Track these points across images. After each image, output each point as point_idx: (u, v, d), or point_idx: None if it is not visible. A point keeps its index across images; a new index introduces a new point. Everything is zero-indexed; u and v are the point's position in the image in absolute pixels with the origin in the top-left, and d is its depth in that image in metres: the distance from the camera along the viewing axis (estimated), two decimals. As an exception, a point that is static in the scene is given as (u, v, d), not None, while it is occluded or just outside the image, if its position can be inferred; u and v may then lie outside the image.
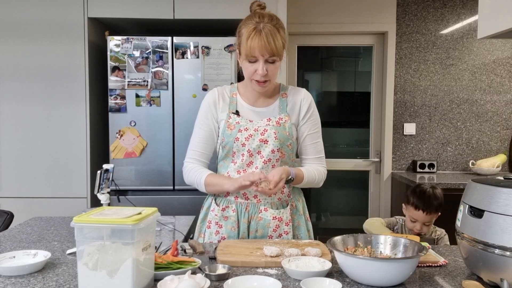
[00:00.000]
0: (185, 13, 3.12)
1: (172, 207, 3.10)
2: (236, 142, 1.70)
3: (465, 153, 4.06)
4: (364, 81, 4.30)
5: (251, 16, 1.66)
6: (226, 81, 3.11)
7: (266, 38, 1.58)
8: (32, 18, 3.10)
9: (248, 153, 1.70)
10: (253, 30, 1.59)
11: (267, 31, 1.59)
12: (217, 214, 1.75)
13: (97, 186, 1.81)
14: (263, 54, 1.60)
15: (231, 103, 1.77)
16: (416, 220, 2.20)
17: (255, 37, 1.59)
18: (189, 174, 1.77)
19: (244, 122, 1.72)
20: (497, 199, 1.19)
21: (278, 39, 1.60)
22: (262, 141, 1.69)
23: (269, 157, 1.70)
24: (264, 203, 1.72)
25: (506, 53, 4.00)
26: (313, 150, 1.81)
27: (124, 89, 3.10)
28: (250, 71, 1.66)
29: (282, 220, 1.73)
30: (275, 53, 1.61)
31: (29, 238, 1.79)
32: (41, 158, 3.17)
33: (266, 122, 1.73)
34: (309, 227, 1.84)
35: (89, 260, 1.13)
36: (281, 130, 1.71)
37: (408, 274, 1.23)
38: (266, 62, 1.62)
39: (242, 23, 1.67)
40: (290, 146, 1.74)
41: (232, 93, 1.79)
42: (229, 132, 1.71)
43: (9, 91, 3.14)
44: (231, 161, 1.74)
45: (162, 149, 3.15)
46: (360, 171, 4.20)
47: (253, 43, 1.59)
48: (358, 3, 3.98)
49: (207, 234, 1.77)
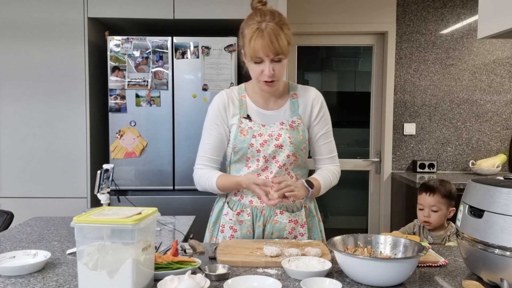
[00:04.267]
0: (185, 13, 3.12)
1: (172, 207, 3.10)
2: (250, 148, 1.67)
3: (465, 153, 4.06)
4: (364, 81, 4.30)
5: (252, 15, 1.62)
6: (226, 81, 3.11)
7: (269, 38, 1.54)
8: (32, 18, 3.10)
9: (263, 158, 1.68)
10: (255, 31, 1.55)
11: (269, 30, 1.55)
12: (231, 219, 1.72)
13: (97, 186, 1.81)
14: (267, 55, 1.57)
15: (241, 106, 1.73)
16: (423, 207, 2.18)
17: (257, 38, 1.55)
18: (200, 179, 1.73)
19: (257, 127, 1.69)
20: (497, 199, 1.19)
21: (281, 37, 1.56)
22: (277, 146, 1.67)
23: (284, 162, 1.68)
24: (280, 205, 1.70)
25: (506, 53, 4.00)
26: (326, 150, 1.80)
27: (124, 89, 3.10)
28: (257, 72, 1.62)
29: (298, 222, 1.72)
30: (280, 52, 1.57)
31: (29, 238, 1.79)
32: (41, 158, 3.17)
33: (279, 126, 1.70)
34: (321, 228, 1.83)
35: (89, 260, 1.13)
36: (295, 134, 1.69)
37: (408, 274, 1.23)
38: (272, 62, 1.59)
39: (244, 24, 1.63)
40: (304, 150, 1.72)
41: (241, 96, 1.75)
42: (242, 138, 1.68)
43: (9, 91, 3.14)
44: (245, 165, 1.71)
45: (162, 149, 3.15)
46: (360, 171, 4.19)
47: (256, 44, 1.55)
48: (358, 3, 3.98)
49: (220, 238, 1.74)
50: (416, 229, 2.24)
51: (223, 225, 1.75)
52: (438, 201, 2.16)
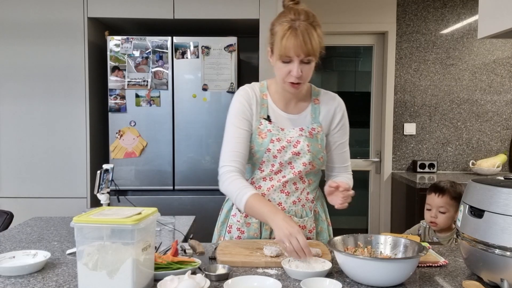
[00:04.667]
0: (185, 13, 3.11)
1: (172, 207, 3.10)
2: (267, 153, 1.62)
3: (465, 153, 4.06)
4: (364, 81, 4.30)
5: (285, 12, 1.54)
6: (226, 81, 3.11)
7: (302, 37, 1.47)
8: (32, 18, 3.10)
9: (279, 164, 1.64)
10: (288, 29, 1.48)
11: (303, 29, 1.48)
12: (239, 220, 1.70)
13: (97, 186, 1.81)
14: (298, 55, 1.50)
15: (262, 106, 1.66)
16: (431, 207, 2.16)
17: (290, 36, 1.48)
18: (230, 185, 1.57)
19: (276, 131, 1.63)
20: (497, 199, 1.19)
21: (314, 38, 1.49)
22: (295, 153, 1.62)
23: (300, 169, 1.64)
24: (289, 210, 1.67)
25: (506, 53, 3.99)
26: (341, 159, 1.76)
27: (124, 89, 3.10)
28: (284, 72, 1.55)
29: (306, 228, 1.69)
30: (311, 53, 1.50)
31: (29, 238, 1.79)
32: (41, 158, 3.17)
33: (298, 132, 1.65)
34: (330, 232, 1.80)
35: (89, 260, 1.13)
36: (314, 143, 1.65)
37: (408, 274, 1.23)
38: (301, 63, 1.52)
39: (276, 20, 1.56)
40: (322, 159, 1.68)
41: (263, 94, 1.68)
42: (260, 141, 1.63)
43: (9, 91, 3.14)
44: (258, 168, 1.67)
45: (162, 149, 3.15)
46: (360, 171, 4.19)
47: (288, 43, 1.48)
48: (358, 3, 3.98)
49: (228, 238, 1.72)
50: (421, 231, 2.21)
51: (230, 225, 1.73)
52: (447, 202, 2.12)
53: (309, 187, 1.71)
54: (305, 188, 1.69)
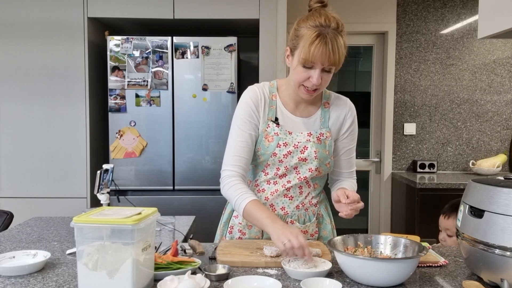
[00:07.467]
0: (185, 13, 3.11)
1: (172, 207, 3.10)
2: (273, 157, 1.59)
3: (465, 153, 4.06)
4: (364, 81, 4.30)
5: (314, 16, 1.50)
6: (226, 81, 3.11)
7: (331, 46, 1.44)
8: (32, 18, 3.10)
9: (284, 168, 1.61)
10: (317, 36, 1.45)
11: (332, 38, 1.45)
12: (241, 223, 1.68)
13: (97, 186, 1.81)
14: (323, 63, 1.46)
15: (270, 107, 1.62)
16: (440, 229, 2.06)
17: (319, 44, 1.44)
18: (230, 190, 1.55)
19: (283, 134, 1.60)
20: (497, 199, 1.18)
21: (342, 48, 1.47)
22: (301, 159, 1.59)
23: (305, 175, 1.62)
24: (291, 215, 1.65)
25: (506, 53, 3.99)
26: (348, 164, 1.72)
27: (124, 89, 3.10)
28: (303, 77, 1.50)
29: (308, 232, 1.68)
30: (336, 64, 1.48)
31: (29, 238, 1.79)
32: (41, 158, 3.17)
33: (306, 137, 1.61)
34: (334, 235, 1.77)
35: (89, 260, 1.13)
36: (322, 149, 1.61)
37: (408, 274, 1.23)
38: (322, 71, 1.49)
39: (303, 22, 1.51)
40: (329, 165, 1.64)
41: (272, 95, 1.64)
42: (267, 145, 1.59)
43: (9, 91, 3.14)
44: (262, 171, 1.64)
45: (162, 149, 3.15)
46: (360, 171, 4.17)
47: (316, 50, 1.44)
48: (358, 3, 3.98)
49: (228, 239, 1.71)
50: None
51: (232, 226, 1.72)
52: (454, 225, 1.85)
53: (314, 191, 1.69)
54: (310, 192, 1.67)
